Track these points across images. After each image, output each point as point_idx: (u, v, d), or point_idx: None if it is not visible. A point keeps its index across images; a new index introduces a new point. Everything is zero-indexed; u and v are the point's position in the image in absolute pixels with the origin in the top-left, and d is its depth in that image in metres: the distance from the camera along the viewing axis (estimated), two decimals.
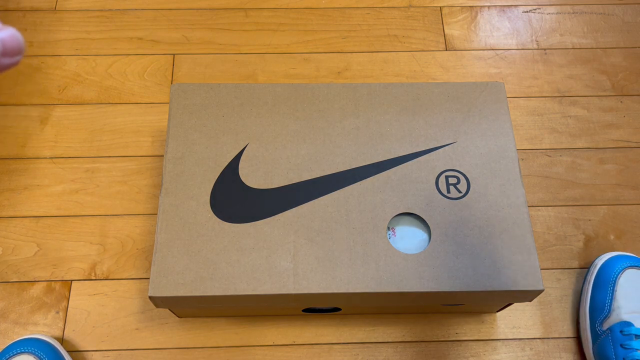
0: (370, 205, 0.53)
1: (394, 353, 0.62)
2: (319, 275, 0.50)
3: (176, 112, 0.57)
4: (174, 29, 0.80)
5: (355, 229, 0.52)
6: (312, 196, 0.54)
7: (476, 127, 0.58)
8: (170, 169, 0.55)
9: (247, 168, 0.55)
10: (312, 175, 0.55)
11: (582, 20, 0.83)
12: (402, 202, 0.54)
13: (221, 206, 0.53)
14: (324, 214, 0.53)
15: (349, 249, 0.51)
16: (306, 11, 0.82)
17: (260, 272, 0.50)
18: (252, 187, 0.54)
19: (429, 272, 0.51)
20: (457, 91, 0.59)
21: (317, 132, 0.57)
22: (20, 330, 0.62)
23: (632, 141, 0.74)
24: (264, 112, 0.58)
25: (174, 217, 0.53)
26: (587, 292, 0.62)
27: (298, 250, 0.51)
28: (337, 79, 0.77)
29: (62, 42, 0.79)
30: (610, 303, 0.60)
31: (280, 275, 0.50)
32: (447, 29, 0.82)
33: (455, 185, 0.55)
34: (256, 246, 0.51)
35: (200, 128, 0.57)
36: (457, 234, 0.52)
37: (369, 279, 0.50)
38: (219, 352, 0.61)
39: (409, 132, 0.57)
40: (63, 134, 0.73)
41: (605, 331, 0.58)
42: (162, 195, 0.53)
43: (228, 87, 0.59)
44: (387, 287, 0.50)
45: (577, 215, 0.69)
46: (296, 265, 0.51)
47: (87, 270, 0.65)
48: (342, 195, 0.54)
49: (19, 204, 0.68)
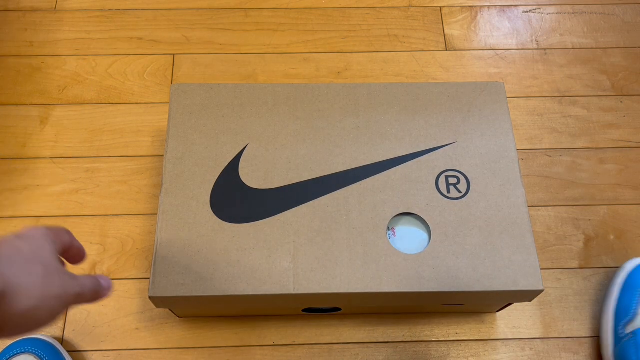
0: (370, 205, 0.53)
1: (394, 353, 0.62)
2: (319, 275, 0.50)
3: (176, 112, 0.57)
4: (174, 29, 0.80)
5: (355, 229, 0.52)
6: (312, 196, 0.54)
7: (476, 127, 0.58)
8: (171, 169, 0.55)
9: (247, 168, 0.55)
10: (312, 176, 0.55)
11: (582, 20, 0.83)
12: (402, 202, 0.54)
13: (221, 206, 0.53)
14: (324, 214, 0.53)
15: (349, 249, 0.51)
16: (306, 11, 0.82)
17: (260, 272, 0.50)
18: (252, 187, 0.54)
19: (429, 272, 0.51)
20: (457, 91, 0.59)
21: (317, 132, 0.57)
22: None
23: (632, 141, 0.74)
24: (264, 112, 0.58)
25: (174, 217, 0.53)
26: (612, 295, 0.62)
27: (298, 250, 0.51)
28: (337, 79, 0.77)
29: (62, 42, 0.79)
30: (636, 307, 0.59)
31: (281, 276, 0.50)
32: (447, 29, 0.82)
33: (455, 185, 0.55)
34: (256, 246, 0.51)
35: (200, 128, 0.57)
36: (457, 234, 0.52)
37: (369, 279, 0.50)
38: (219, 352, 0.61)
39: (409, 132, 0.57)
40: (63, 134, 0.72)
41: (628, 334, 0.58)
42: (162, 195, 0.53)
43: (228, 87, 0.59)
44: (387, 287, 0.50)
45: (577, 215, 0.69)
46: (296, 265, 0.51)
47: (87, 270, 0.65)
48: (342, 195, 0.54)
49: (19, 204, 0.68)
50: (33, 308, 0.32)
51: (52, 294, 0.33)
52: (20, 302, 0.31)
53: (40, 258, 0.34)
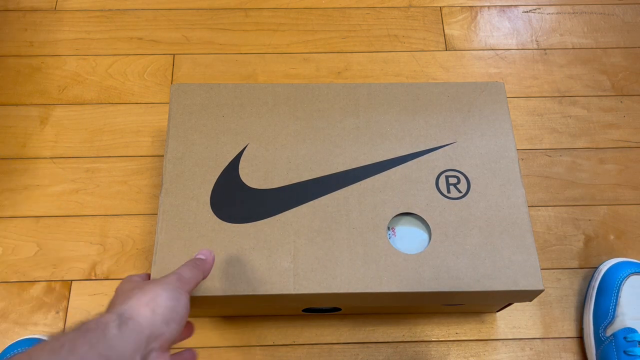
0: (370, 205, 0.53)
1: (394, 353, 0.62)
2: (319, 275, 0.50)
3: (176, 112, 0.57)
4: (174, 29, 0.80)
5: (356, 229, 0.52)
6: (312, 196, 0.54)
7: (476, 127, 0.58)
8: (171, 169, 0.55)
9: (247, 168, 0.55)
10: (312, 176, 0.55)
11: (582, 20, 0.83)
12: (402, 202, 0.54)
13: (221, 206, 0.53)
14: (324, 214, 0.53)
15: (349, 249, 0.51)
16: (306, 11, 0.82)
17: (260, 272, 0.50)
18: (252, 187, 0.54)
19: (429, 272, 0.51)
20: (457, 91, 0.59)
21: (317, 132, 0.57)
22: (20, 330, 0.62)
23: (632, 141, 0.74)
24: (264, 112, 0.58)
25: (175, 217, 0.52)
26: (591, 298, 0.62)
27: (298, 250, 0.51)
28: (337, 79, 0.77)
29: (62, 42, 0.79)
30: (614, 309, 0.59)
31: (281, 276, 0.50)
32: (447, 29, 0.82)
33: (456, 185, 0.55)
34: (256, 246, 0.51)
35: (200, 128, 0.57)
36: (457, 234, 0.52)
37: (369, 279, 0.50)
38: (219, 352, 0.61)
39: (409, 132, 0.57)
40: (63, 134, 0.73)
41: (609, 337, 0.58)
42: (163, 196, 0.53)
43: (228, 87, 0.59)
44: (387, 287, 0.50)
45: (577, 215, 0.69)
46: (296, 265, 0.51)
47: (87, 270, 0.65)
48: (342, 195, 0.54)
49: (19, 204, 0.68)
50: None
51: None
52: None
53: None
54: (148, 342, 0.36)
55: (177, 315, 0.38)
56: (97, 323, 0.34)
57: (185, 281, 0.42)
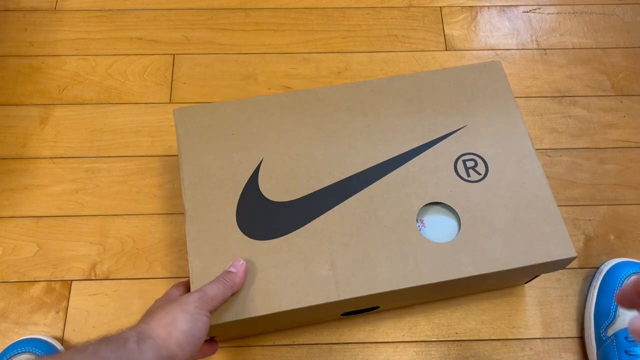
0: (395, 200, 0.53)
1: (394, 353, 0.62)
2: (360, 278, 0.50)
3: (184, 137, 0.56)
4: (174, 29, 0.80)
5: (386, 226, 0.52)
6: (337, 201, 0.53)
7: (482, 108, 0.58)
8: (191, 195, 0.53)
9: (267, 183, 0.54)
10: (333, 180, 0.54)
11: (582, 20, 0.83)
12: (426, 192, 0.54)
13: (249, 225, 0.52)
14: (352, 216, 0.52)
15: (384, 248, 0.51)
16: (306, 11, 0.82)
17: (301, 284, 0.49)
18: (275, 200, 0.53)
19: (466, 257, 0.51)
20: (458, 75, 0.60)
21: (329, 135, 0.56)
22: (20, 330, 0.62)
23: (632, 141, 0.74)
24: (272, 123, 0.57)
25: (204, 243, 0.51)
26: (592, 298, 0.62)
27: (334, 256, 0.51)
28: (337, 79, 0.77)
29: (62, 42, 0.79)
30: (615, 309, 0.59)
31: (322, 285, 0.49)
32: (447, 29, 0.82)
33: (474, 168, 0.55)
34: (292, 259, 0.50)
35: (212, 149, 0.55)
36: (485, 215, 0.52)
37: (410, 274, 0.50)
38: (219, 352, 0.61)
39: (419, 122, 0.57)
40: (63, 134, 0.73)
41: (610, 337, 0.58)
42: (188, 223, 0.52)
43: (232, 104, 0.58)
44: (428, 278, 0.50)
45: (577, 215, 0.69)
46: (336, 272, 0.50)
47: (87, 270, 0.65)
48: (367, 195, 0.53)
49: (19, 204, 0.68)
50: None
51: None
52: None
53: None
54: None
55: (192, 339, 0.41)
56: (118, 337, 0.38)
57: (207, 300, 0.43)
